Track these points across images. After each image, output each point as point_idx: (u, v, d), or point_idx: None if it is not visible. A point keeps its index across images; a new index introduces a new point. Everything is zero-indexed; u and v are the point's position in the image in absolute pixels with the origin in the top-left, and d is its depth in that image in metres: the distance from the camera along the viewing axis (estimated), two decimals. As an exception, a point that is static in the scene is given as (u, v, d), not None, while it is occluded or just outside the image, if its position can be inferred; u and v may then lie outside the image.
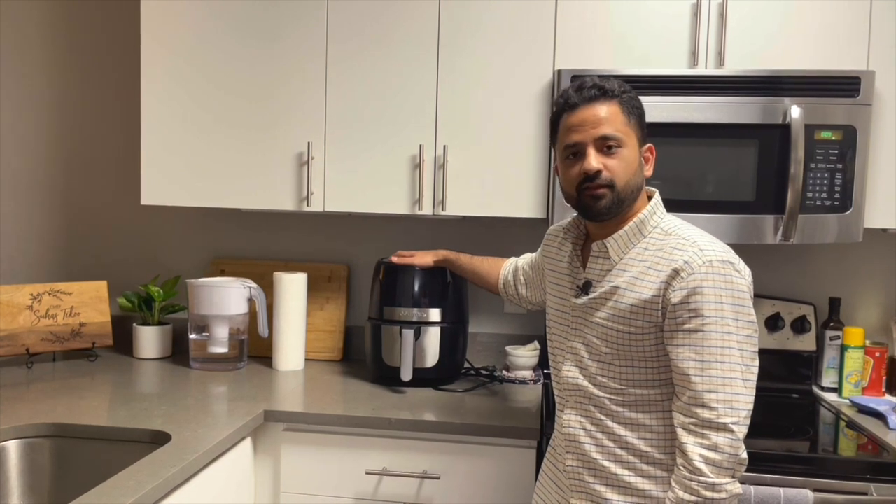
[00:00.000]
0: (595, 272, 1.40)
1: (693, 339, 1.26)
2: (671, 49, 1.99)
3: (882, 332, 2.30)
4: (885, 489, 1.63)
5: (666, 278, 1.28)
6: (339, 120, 2.13)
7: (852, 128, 1.90)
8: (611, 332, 1.35)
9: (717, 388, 1.23)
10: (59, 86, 2.64)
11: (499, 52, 2.06)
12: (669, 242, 1.32)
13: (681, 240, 1.32)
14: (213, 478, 1.64)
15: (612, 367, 1.36)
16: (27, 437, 1.71)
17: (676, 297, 1.27)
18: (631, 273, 1.34)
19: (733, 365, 1.24)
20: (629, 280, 1.33)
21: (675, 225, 1.37)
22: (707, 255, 1.27)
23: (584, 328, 1.40)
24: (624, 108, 1.35)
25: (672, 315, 1.28)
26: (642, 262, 1.33)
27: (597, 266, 1.40)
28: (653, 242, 1.35)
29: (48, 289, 2.32)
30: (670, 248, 1.31)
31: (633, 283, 1.33)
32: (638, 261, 1.34)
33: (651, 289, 1.30)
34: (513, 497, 1.80)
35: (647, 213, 1.37)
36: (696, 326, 1.25)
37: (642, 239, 1.36)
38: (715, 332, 1.25)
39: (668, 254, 1.31)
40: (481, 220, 2.41)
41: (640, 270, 1.33)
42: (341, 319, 2.48)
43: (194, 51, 2.18)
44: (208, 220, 2.61)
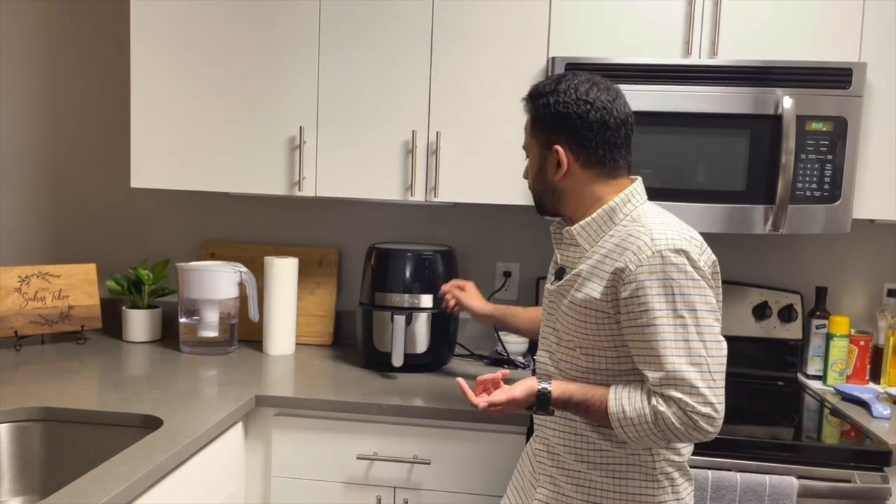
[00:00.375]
0: (568, 259, 1.42)
1: (647, 333, 1.25)
2: (665, 38, 1.99)
3: (867, 321, 2.33)
4: (868, 476, 1.66)
5: (615, 270, 1.28)
6: (332, 104, 2.12)
7: (843, 119, 1.91)
8: (571, 319, 1.37)
9: (677, 384, 1.23)
10: (47, 68, 2.60)
11: (493, 39, 2.05)
12: (628, 229, 1.32)
13: (639, 226, 1.31)
14: (205, 462, 1.65)
15: (575, 354, 1.39)
16: (17, 420, 1.71)
17: (626, 292, 1.27)
18: (592, 260, 1.35)
19: (694, 358, 1.23)
20: (587, 268, 1.35)
21: (645, 212, 1.36)
22: (658, 244, 1.26)
23: (555, 314, 1.43)
24: (532, 116, 1.42)
25: (624, 310, 1.28)
26: (602, 250, 1.34)
27: (569, 253, 1.42)
28: (620, 230, 1.34)
29: (36, 271, 2.31)
30: (627, 233, 1.31)
31: (590, 272, 1.33)
32: (602, 248, 1.35)
33: (604, 279, 1.30)
34: (503, 482, 1.81)
35: (618, 201, 1.37)
36: (649, 321, 1.25)
37: (613, 226, 1.36)
38: (667, 326, 1.24)
39: (624, 240, 1.30)
40: (474, 206, 2.41)
41: (599, 258, 1.33)
42: (332, 304, 2.48)
43: (185, 33, 2.15)
44: (198, 204, 2.59)
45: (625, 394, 1.29)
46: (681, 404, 1.23)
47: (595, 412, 1.31)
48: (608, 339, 1.33)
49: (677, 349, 1.24)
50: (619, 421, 1.28)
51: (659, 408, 1.24)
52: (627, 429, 1.28)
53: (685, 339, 1.24)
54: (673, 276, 1.25)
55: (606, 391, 1.31)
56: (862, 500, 1.66)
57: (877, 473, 1.67)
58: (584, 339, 1.36)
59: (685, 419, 1.23)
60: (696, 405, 1.22)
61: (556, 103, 1.37)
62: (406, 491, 1.85)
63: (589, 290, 1.32)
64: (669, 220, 1.33)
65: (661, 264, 1.25)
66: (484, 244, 2.48)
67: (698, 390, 1.22)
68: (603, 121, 1.35)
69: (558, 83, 1.38)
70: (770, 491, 1.63)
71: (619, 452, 1.36)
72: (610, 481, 1.37)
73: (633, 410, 1.26)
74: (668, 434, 1.25)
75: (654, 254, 1.25)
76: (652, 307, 1.25)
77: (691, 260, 1.26)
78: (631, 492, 1.36)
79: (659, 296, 1.24)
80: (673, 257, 1.25)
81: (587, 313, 1.33)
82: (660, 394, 1.25)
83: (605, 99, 1.36)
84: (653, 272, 1.25)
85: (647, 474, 1.36)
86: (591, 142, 1.36)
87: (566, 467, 1.41)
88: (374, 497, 1.86)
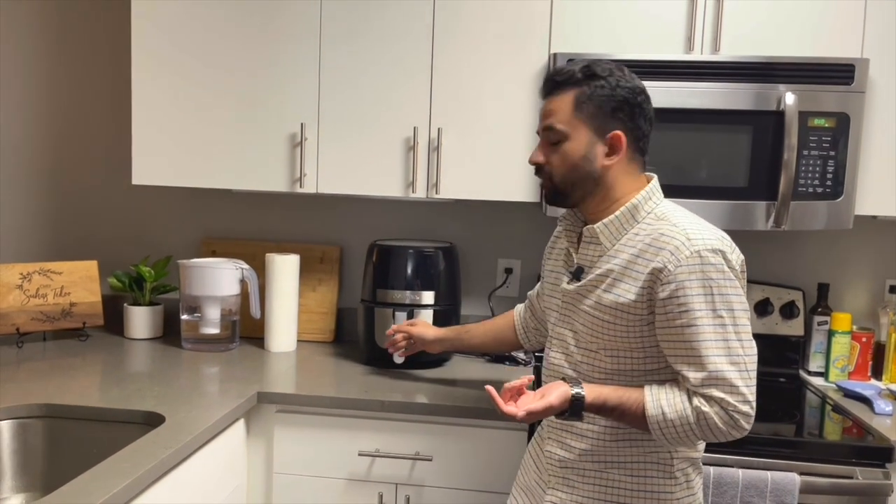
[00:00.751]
0: (587, 258, 1.39)
1: (687, 334, 1.24)
2: (667, 34, 1.99)
3: (869, 317, 2.33)
4: (870, 473, 1.66)
5: (652, 270, 1.26)
6: (333, 101, 2.12)
7: (845, 115, 1.90)
8: (597, 321, 1.34)
9: (719, 383, 1.23)
10: (48, 65, 2.60)
11: (494, 35, 2.05)
12: (659, 228, 1.30)
13: (671, 225, 1.29)
14: (207, 459, 1.65)
15: (598, 356, 1.36)
16: (19, 417, 1.71)
17: (664, 293, 1.25)
18: (619, 259, 1.32)
19: (733, 357, 1.24)
20: (617, 267, 1.32)
21: (669, 210, 1.34)
22: (696, 245, 1.25)
23: (573, 315, 1.39)
24: (579, 97, 1.33)
25: (662, 310, 1.26)
26: (631, 249, 1.31)
27: (588, 252, 1.39)
28: (644, 228, 1.32)
29: (38, 268, 2.31)
30: (658, 233, 1.29)
31: (621, 272, 1.31)
32: (628, 247, 1.32)
33: (638, 281, 1.28)
34: (504, 479, 1.82)
35: (640, 199, 1.35)
36: (689, 321, 1.24)
37: (635, 224, 1.34)
38: (708, 326, 1.23)
39: (657, 240, 1.28)
40: (475, 203, 2.41)
41: (628, 258, 1.31)
42: (333, 301, 2.48)
43: (185, 30, 2.15)
44: (199, 200, 2.59)
45: (662, 395, 1.27)
46: (723, 404, 1.23)
47: (631, 415, 1.29)
48: (637, 341, 1.31)
49: (718, 349, 1.23)
50: (659, 423, 1.26)
51: (702, 408, 1.23)
52: (667, 430, 1.26)
53: (724, 338, 1.24)
54: (711, 275, 1.24)
55: (641, 393, 1.29)
56: (864, 497, 1.66)
57: (879, 470, 1.67)
58: (611, 341, 1.33)
59: (727, 419, 1.23)
60: (737, 404, 1.23)
61: (619, 87, 1.32)
62: (408, 487, 1.86)
63: (621, 291, 1.30)
64: (698, 219, 1.32)
65: (700, 264, 1.24)
66: (485, 241, 2.48)
67: (738, 389, 1.23)
68: (653, 114, 1.36)
69: (611, 68, 1.33)
70: (772, 487, 1.63)
71: (636, 451, 1.35)
72: (629, 479, 1.36)
73: (674, 412, 1.25)
74: (707, 434, 1.25)
75: (693, 254, 1.24)
76: (692, 307, 1.23)
77: (727, 260, 1.26)
78: (650, 489, 1.35)
79: (699, 296, 1.23)
80: (711, 257, 1.24)
81: (617, 315, 1.31)
82: (701, 394, 1.24)
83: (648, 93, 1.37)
84: (692, 272, 1.24)
85: (665, 471, 1.35)
86: (642, 132, 1.35)
87: (582, 468, 1.39)
88: (375, 494, 1.86)
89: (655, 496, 1.35)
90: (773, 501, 1.63)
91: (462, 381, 2.06)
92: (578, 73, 1.34)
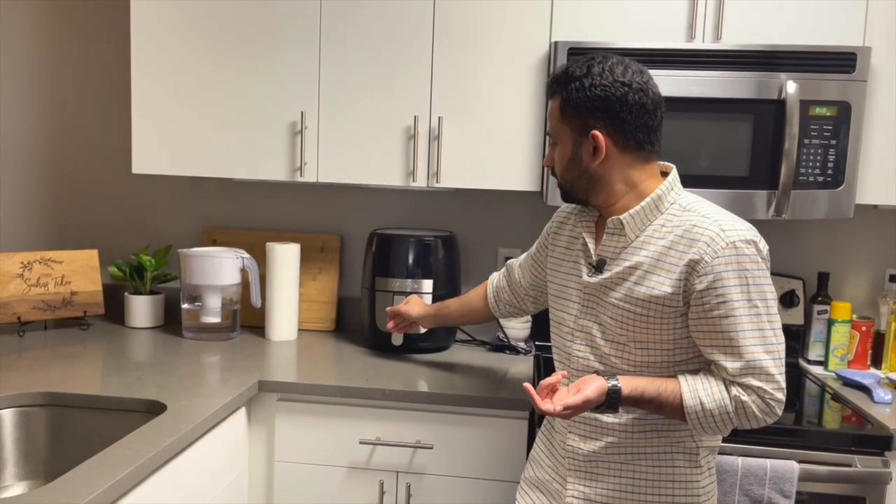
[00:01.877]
0: (609, 249, 1.37)
1: (725, 324, 1.25)
2: (669, 22, 1.98)
3: (869, 306, 2.33)
4: (868, 461, 1.67)
5: (689, 262, 1.26)
6: (333, 89, 2.11)
7: (847, 104, 1.90)
8: (627, 314, 1.33)
9: (756, 372, 1.25)
10: (49, 55, 2.59)
11: (495, 24, 2.04)
12: (689, 219, 1.30)
13: (701, 217, 1.29)
14: (209, 447, 1.66)
15: (627, 348, 1.35)
16: (22, 405, 1.71)
17: (702, 284, 1.25)
18: (649, 252, 1.31)
19: (768, 346, 1.25)
20: (647, 259, 1.31)
21: (693, 201, 1.35)
22: (730, 236, 1.25)
23: (598, 308, 1.38)
24: (563, 102, 1.35)
25: (699, 301, 1.27)
26: (660, 240, 1.31)
27: (611, 243, 1.37)
28: (670, 219, 1.32)
29: (39, 257, 2.31)
30: (690, 224, 1.29)
31: (653, 264, 1.30)
32: (655, 238, 1.32)
33: (673, 273, 1.28)
34: (505, 467, 1.83)
35: (664, 189, 1.34)
36: (727, 311, 1.25)
37: (659, 215, 1.34)
38: (745, 316, 1.24)
39: (689, 231, 1.28)
40: (475, 192, 2.41)
41: (660, 249, 1.30)
42: (334, 290, 2.48)
43: (185, 17, 2.14)
44: (199, 190, 2.59)
45: (699, 385, 1.28)
46: (760, 392, 1.25)
47: (668, 406, 1.29)
48: (669, 332, 1.31)
49: (754, 338, 1.25)
50: (697, 413, 1.27)
51: (741, 398, 1.25)
52: (705, 420, 1.27)
53: (759, 328, 1.25)
54: (747, 266, 1.25)
55: (677, 384, 1.29)
56: (863, 485, 1.68)
57: (877, 458, 1.68)
58: (643, 333, 1.32)
59: (764, 406, 1.25)
60: (773, 392, 1.25)
61: (592, 86, 1.31)
62: (409, 475, 1.87)
63: (654, 283, 1.30)
64: (724, 210, 1.33)
65: (736, 255, 1.25)
66: (486, 230, 2.48)
67: (774, 377, 1.25)
68: (641, 103, 1.32)
69: (590, 66, 1.33)
70: (771, 475, 1.64)
71: (663, 441, 1.36)
72: (656, 470, 1.36)
73: (713, 402, 1.26)
74: (744, 422, 1.27)
75: (728, 245, 1.25)
76: (730, 298, 1.24)
77: (759, 250, 1.27)
78: (678, 478, 1.36)
79: (736, 286, 1.24)
80: (745, 248, 1.25)
81: (650, 307, 1.30)
82: (739, 383, 1.26)
83: (640, 80, 1.33)
84: (729, 263, 1.24)
85: (691, 460, 1.36)
86: (630, 125, 1.32)
87: (608, 461, 1.39)
88: (376, 482, 1.87)
89: (683, 485, 1.36)
90: (772, 489, 1.64)
91: (463, 369, 2.06)
92: (561, 75, 1.36)
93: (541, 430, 1.57)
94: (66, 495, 1.19)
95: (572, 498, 1.41)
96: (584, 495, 1.40)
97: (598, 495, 1.39)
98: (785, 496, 1.64)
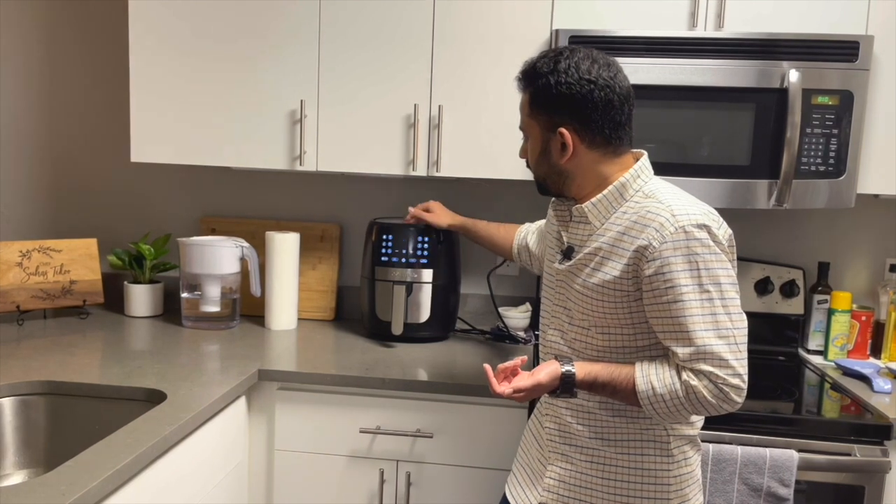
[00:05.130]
0: (576, 237, 1.39)
1: (674, 309, 1.25)
2: (670, 10, 1.97)
3: (869, 296, 2.33)
4: (867, 450, 1.68)
5: (637, 248, 1.27)
6: (333, 78, 2.10)
7: (849, 93, 1.89)
8: (587, 299, 1.35)
9: (707, 357, 1.24)
10: (46, 41, 2.58)
11: (496, 10, 2.03)
12: (646, 205, 1.30)
13: (656, 203, 1.29)
14: (209, 436, 1.66)
15: (589, 332, 1.37)
16: (21, 394, 1.71)
17: (650, 269, 1.25)
18: (606, 238, 1.32)
19: (721, 331, 1.24)
20: (605, 245, 1.32)
21: (657, 188, 1.34)
22: (680, 220, 1.25)
23: (566, 294, 1.40)
24: (531, 98, 1.36)
25: (648, 287, 1.27)
26: (616, 227, 1.32)
27: (577, 231, 1.39)
28: (632, 206, 1.32)
29: (38, 246, 2.30)
30: (645, 210, 1.29)
31: (609, 251, 1.31)
32: (615, 225, 1.32)
33: (623, 258, 1.28)
34: (504, 456, 1.83)
35: (629, 177, 1.34)
36: (676, 297, 1.24)
37: (623, 203, 1.34)
38: (695, 301, 1.24)
39: (643, 217, 1.28)
40: (476, 181, 2.40)
41: (615, 236, 1.31)
42: (333, 279, 2.48)
43: (184, 5, 2.12)
44: (199, 178, 2.58)
45: (652, 371, 1.29)
46: (711, 377, 1.24)
47: (622, 391, 1.30)
48: (626, 317, 1.32)
49: (705, 323, 1.24)
50: (649, 398, 1.27)
51: (691, 382, 1.24)
52: (657, 405, 1.27)
53: (712, 312, 1.24)
54: (697, 250, 1.24)
55: (632, 369, 1.30)
56: (862, 474, 1.68)
57: (877, 447, 1.68)
58: (601, 318, 1.34)
59: (716, 392, 1.24)
60: (726, 377, 1.23)
61: (559, 84, 1.31)
62: (409, 464, 1.87)
63: (608, 269, 1.31)
64: (685, 196, 1.32)
65: (685, 240, 1.24)
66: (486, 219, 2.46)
67: (727, 362, 1.23)
68: (608, 100, 1.31)
69: (557, 62, 1.32)
70: (770, 464, 1.65)
71: (633, 428, 1.36)
72: (625, 458, 1.37)
73: (663, 387, 1.26)
74: (698, 408, 1.26)
75: (678, 230, 1.24)
76: (678, 283, 1.24)
77: (712, 234, 1.26)
78: (647, 467, 1.36)
79: (684, 271, 1.24)
80: (696, 232, 1.24)
81: (605, 292, 1.32)
82: (690, 368, 1.25)
83: (606, 76, 1.31)
84: (677, 248, 1.24)
85: (662, 450, 1.36)
86: (596, 122, 1.32)
87: (580, 444, 1.40)
88: (376, 470, 1.87)
89: (652, 474, 1.36)
90: (772, 478, 1.65)
91: (463, 358, 2.06)
92: (529, 70, 1.36)
93: (532, 413, 1.59)
94: (66, 484, 1.19)
95: (550, 479, 1.44)
96: (559, 477, 1.43)
97: (573, 478, 1.41)
98: (784, 485, 1.65)
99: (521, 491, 1.51)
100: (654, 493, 1.36)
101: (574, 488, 1.41)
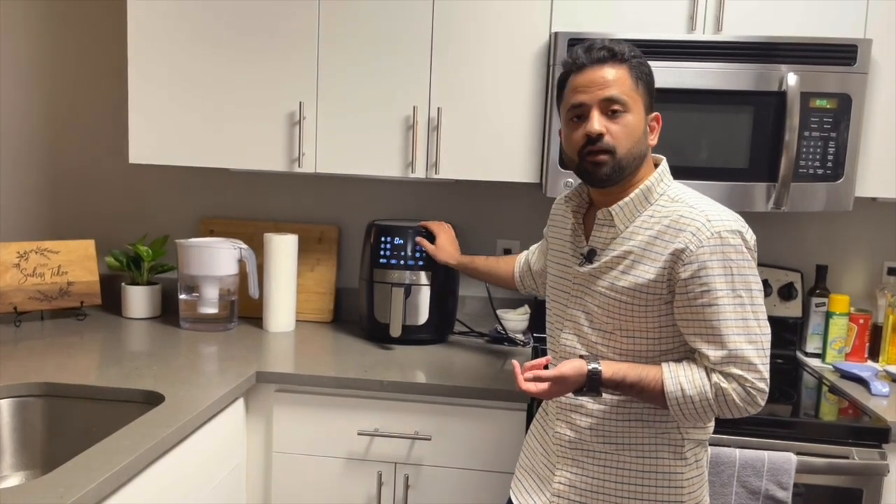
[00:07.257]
0: (599, 240, 1.38)
1: (708, 313, 1.26)
2: (670, 13, 1.97)
3: (867, 299, 2.33)
4: (865, 453, 1.68)
5: (674, 251, 1.27)
6: (332, 79, 2.10)
7: (847, 96, 1.89)
8: (613, 302, 1.34)
9: (737, 361, 1.25)
10: (45, 42, 2.57)
11: (495, 13, 2.03)
12: (677, 209, 1.31)
13: (688, 207, 1.30)
14: (207, 438, 1.65)
15: (613, 336, 1.36)
16: (19, 395, 1.71)
17: (686, 273, 1.26)
18: (636, 242, 1.32)
19: (751, 336, 1.25)
20: (635, 249, 1.32)
21: (682, 192, 1.35)
22: (716, 226, 1.26)
23: (586, 297, 1.39)
24: (633, 72, 1.33)
25: (683, 290, 1.27)
26: (648, 231, 1.32)
27: (601, 234, 1.38)
28: (658, 210, 1.33)
29: (35, 247, 2.30)
30: (678, 215, 1.30)
31: (640, 254, 1.31)
32: (643, 229, 1.33)
33: (658, 261, 1.29)
34: (503, 459, 1.83)
35: (653, 181, 1.35)
36: (710, 300, 1.25)
37: (648, 206, 1.34)
38: (728, 306, 1.25)
39: (676, 221, 1.29)
40: (474, 183, 2.40)
41: (647, 239, 1.31)
42: (332, 281, 2.48)
43: (182, 7, 2.12)
44: (197, 180, 2.58)
45: (680, 371, 1.29)
46: (741, 381, 1.25)
47: (649, 392, 1.30)
48: (654, 321, 1.32)
49: (737, 328, 1.25)
50: (678, 399, 1.28)
51: (721, 385, 1.25)
52: (685, 407, 1.28)
53: (743, 318, 1.25)
54: (731, 256, 1.25)
55: (659, 370, 1.30)
56: (860, 477, 1.68)
57: (875, 450, 1.68)
58: (628, 322, 1.33)
59: (744, 395, 1.25)
60: (755, 381, 1.25)
61: (650, 72, 1.36)
62: (407, 467, 1.87)
63: (640, 271, 1.31)
64: (711, 201, 1.34)
65: (720, 245, 1.25)
66: (484, 221, 2.47)
67: (756, 367, 1.25)
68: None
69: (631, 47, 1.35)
70: (769, 467, 1.65)
71: (648, 432, 1.36)
72: (640, 461, 1.36)
73: (693, 388, 1.27)
74: (724, 410, 1.27)
75: (713, 235, 1.25)
76: (714, 287, 1.25)
77: (745, 240, 1.27)
78: (661, 470, 1.36)
79: (720, 276, 1.25)
80: (730, 238, 1.26)
81: (636, 295, 1.31)
82: (720, 371, 1.26)
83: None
84: (713, 253, 1.25)
85: (676, 452, 1.36)
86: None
87: (592, 449, 1.39)
88: (374, 473, 1.87)
89: (667, 477, 1.36)
90: (770, 481, 1.65)
91: (461, 360, 2.06)
92: (617, 47, 1.34)
93: (535, 418, 1.58)
94: (64, 486, 1.19)
95: (559, 484, 1.43)
96: (569, 482, 1.41)
97: (584, 483, 1.40)
98: (782, 488, 1.65)
99: (529, 497, 1.50)
100: (668, 496, 1.36)
101: (585, 493, 1.40)
